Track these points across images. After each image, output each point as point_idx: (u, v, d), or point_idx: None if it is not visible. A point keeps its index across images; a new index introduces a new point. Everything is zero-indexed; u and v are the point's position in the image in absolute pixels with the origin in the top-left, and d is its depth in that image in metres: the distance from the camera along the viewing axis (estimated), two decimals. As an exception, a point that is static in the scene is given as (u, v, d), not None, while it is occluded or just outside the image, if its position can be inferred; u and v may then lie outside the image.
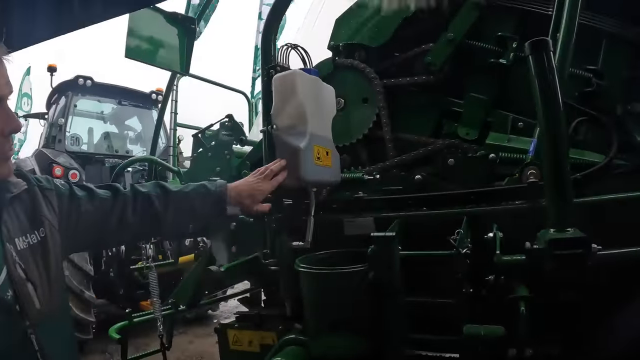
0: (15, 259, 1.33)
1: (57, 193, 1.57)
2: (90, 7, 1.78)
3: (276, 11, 2.44)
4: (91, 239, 1.71)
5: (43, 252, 1.43)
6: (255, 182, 1.93)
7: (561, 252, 1.42)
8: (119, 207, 1.70)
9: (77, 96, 8.36)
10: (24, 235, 1.40)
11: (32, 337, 1.29)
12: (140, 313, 3.42)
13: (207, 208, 1.86)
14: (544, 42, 1.53)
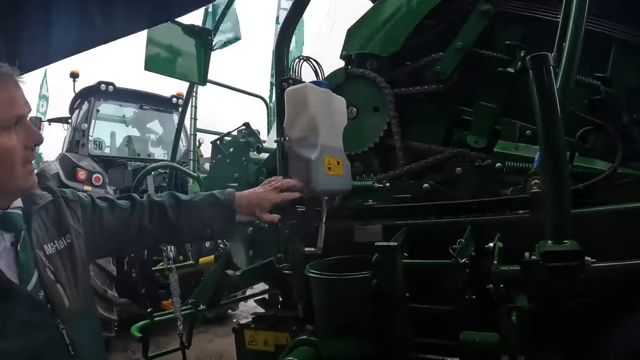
0: (45, 262, 1.43)
1: (81, 204, 1.69)
2: (111, 25, 1.86)
3: (287, 26, 2.48)
4: (113, 246, 1.85)
5: (70, 257, 1.54)
6: (263, 192, 2.01)
7: (554, 265, 1.45)
8: (137, 216, 1.82)
9: (100, 101, 8.51)
10: (52, 242, 1.51)
11: (63, 332, 1.38)
12: (161, 312, 3.51)
13: (216, 216, 1.95)
14: (544, 57, 1.56)
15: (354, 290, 1.78)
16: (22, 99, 1.38)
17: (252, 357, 2.69)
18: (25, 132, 1.38)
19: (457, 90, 2.52)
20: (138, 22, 1.98)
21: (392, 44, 2.59)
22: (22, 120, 1.37)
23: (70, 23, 1.90)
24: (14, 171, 1.35)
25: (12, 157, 1.34)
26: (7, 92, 1.33)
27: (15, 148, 1.34)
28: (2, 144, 1.31)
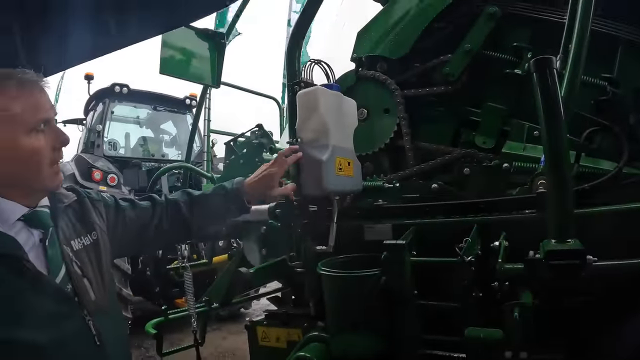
0: (72, 258, 1.50)
1: (105, 204, 1.76)
2: (126, 31, 1.92)
3: (298, 30, 2.53)
4: (133, 245, 1.91)
5: (96, 253, 1.61)
6: (265, 168, 2.05)
7: (557, 263, 1.48)
8: (157, 215, 1.89)
9: (114, 103, 8.60)
10: (79, 238, 1.57)
11: (89, 323, 1.44)
12: (175, 310, 3.57)
13: (229, 205, 2.01)
14: (547, 60, 1.59)
15: (364, 288, 1.82)
16: (47, 103, 1.45)
17: (264, 353, 2.73)
18: (52, 134, 1.44)
19: (465, 91, 2.56)
20: (152, 28, 2.03)
21: (402, 46, 2.63)
22: (49, 122, 1.43)
23: (86, 31, 1.95)
24: (42, 171, 1.41)
25: (39, 158, 1.40)
26: (33, 97, 1.40)
27: (42, 149, 1.40)
28: (31, 145, 1.37)
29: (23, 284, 1.32)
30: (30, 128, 1.37)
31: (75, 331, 1.41)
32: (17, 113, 1.35)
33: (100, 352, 1.46)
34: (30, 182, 1.42)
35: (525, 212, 1.96)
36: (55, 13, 1.90)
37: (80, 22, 1.90)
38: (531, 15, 2.46)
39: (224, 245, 6.34)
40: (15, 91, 1.36)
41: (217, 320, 7.87)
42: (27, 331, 1.28)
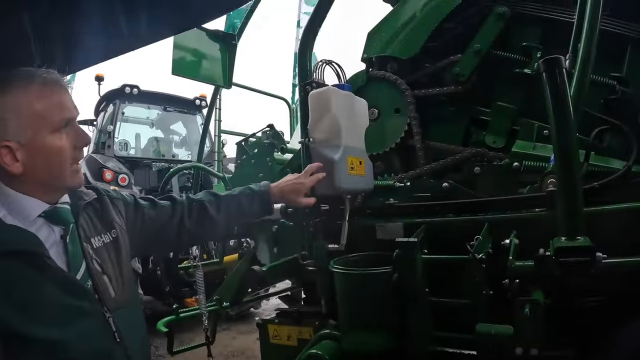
0: (92, 255, 1.52)
1: (124, 202, 1.79)
2: (138, 32, 1.95)
3: (310, 30, 2.54)
4: (154, 244, 1.94)
5: (116, 250, 1.63)
6: (295, 178, 2.12)
7: (566, 260, 1.50)
8: (178, 213, 1.91)
9: (124, 104, 8.67)
10: (99, 236, 1.59)
11: (110, 320, 1.47)
12: (186, 309, 3.61)
13: (254, 207, 2.07)
14: (557, 59, 1.61)
15: (376, 285, 1.85)
16: (70, 103, 1.47)
17: (275, 351, 2.75)
18: (74, 133, 1.47)
19: (475, 91, 2.57)
20: (164, 29, 2.06)
21: (412, 46, 2.64)
22: (71, 122, 1.46)
23: (99, 33, 1.98)
24: (63, 170, 1.44)
25: (62, 157, 1.43)
26: (57, 97, 1.42)
27: (65, 148, 1.43)
28: (53, 144, 1.40)
29: (44, 280, 1.34)
30: (54, 127, 1.40)
31: (95, 328, 1.43)
32: (41, 112, 1.37)
33: (120, 349, 1.48)
34: (52, 180, 1.44)
35: (535, 210, 1.97)
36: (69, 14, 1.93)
37: (95, 24, 1.94)
38: (540, 15, 2.46)
39: (235, 245, 6.38)
40: (39, 91, 1.39)
41: (227, 320, 7.89)
42: (48, 327, 1.30)
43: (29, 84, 1.38)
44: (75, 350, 1.35)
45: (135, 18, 1.89)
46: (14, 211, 1.40)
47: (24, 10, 1.95)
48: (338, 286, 2.03)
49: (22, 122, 1.36)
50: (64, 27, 1.99)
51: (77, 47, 2.02)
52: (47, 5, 1.92)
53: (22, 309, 1.28)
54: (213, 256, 6.94)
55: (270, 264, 2.52)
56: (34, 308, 1.31)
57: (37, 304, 1.32)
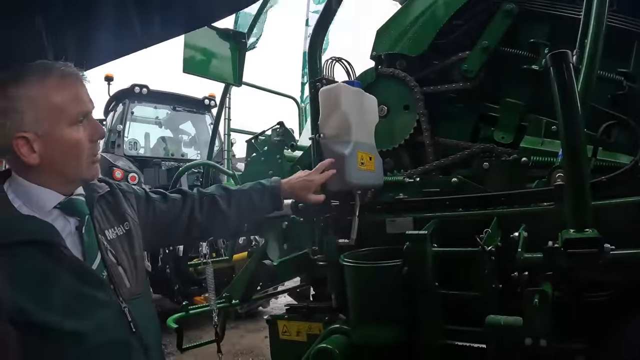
0: (107, 246, 1.54)
1: (136, 196, 1.82)
2: (150, 30, 1.98)
3: (319, 28, 2.57)
4: (165, 237, 1.98)
5: (129, 242, 1.66)
6: (306, 175, 2.16)
7: (574, 251, 1.52)
8: (188, 206, 1.95)
9: (134, 103, 8.73)
10: (112, 228, 1.62)
11: (125, 310, 1.49)
12: (195, 306, 3.65)
13: (265, 202, 2.11)
14: (564, 54, 1.63)
15: (386, 278, 1.87)
16: (87, 96, 1.49)
17: (285, 347, 2.77)
18: (91, 126, 1.49)
19: (484, 87, 2.59)
20: (175, 28, 2.08)
21: (421, 44, 2.66)
22: (88, 115, 1.48)
23: (112, 32, 2.01)
24: (80, 162, 1.47)
25: (79, 149, 1.45)
26: (74, 90, 1.45)
27: (82, 141, 1.45)
28: (71, 137, 1.42)
29: (61, 270, 1.36)
30: (71, 120, 1.42)
31: (112, 317, 1.45)
32: (59, 104, 1.40)
33: (136, 339, 1.50)
34: (68, 172, 1.46)
35: (543, 204, 1.98)
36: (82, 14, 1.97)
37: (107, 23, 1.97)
38: (548, 12, 2.48)
39: (244, 243, 6.42)
40: (57, 83, 1.41)
41: (235, 319, 7.94)
42: (65, 317, 1.32)
43: (45, 77, 1.40)
44: (93, 340, 1.36)
45: (147, 17, 1.92)
46: (30, 202, 1.42)
47: (38, 12, 1.99)
48: (348, 280, 2.05)
49: (39, 114, 1.38)
50: (77, 27, 2.03)
51: (90, 45, 2.06)
52: (60, 5, 1.97)
53: (39, 298, 1.29)
54: (222, 254, 6.99)
55: (281, 259, 2.54)
56: (51, 297, 1.32)
57: (54, 293, 1.33)
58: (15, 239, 1.32)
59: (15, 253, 1.31)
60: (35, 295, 1.29)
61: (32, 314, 1.27)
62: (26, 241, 1.33)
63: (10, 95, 1.37)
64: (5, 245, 1.30)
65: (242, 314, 7.95)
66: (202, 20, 2.20)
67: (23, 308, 1.26)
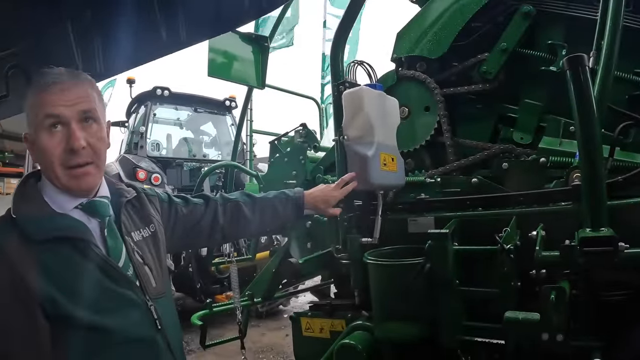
0: (134, 247, 1.61)
1: (159, 199, 1.90)
2: (176, 36, 2.05)
3: (341, 31, 2.61)
4: (187, 239, 2.03)
5: (154, 243, 1.73)
6: (328, 189, 2.25)
7: (590, 249, 1.56)
8: (211, 211, 2.03)
9: (156, 105, 8.84)
10: (138, 230, 1.69)
11: (152, 308, 1.55)
12: (219, 304, 3.72)
13: (287, 211, 2.20)
14: (579, 57, 1.67)
15: (409, 275, 1.92)
16: (68, 103, 1.46)
17: (308, 343, 2.83)
18: (66, 135, 1.45)
19: (503, 89, 2.62)
20: (200, 34, 2.15)
21: (440, 46, 2.70)
22: (62, 122, 1.45)
23: (139, 38, 2.09)
24: (54, 170, 1.45)
25: (48, 157, 1.44)
26: (49, 96, 1.43)
27: (49, 148, 1.44)
28: (40, 142, 1.43)
29: (90, 267, 1.43)
30: (41, 125, 1.43)
31: (139, 315, 1.51)
32: (36, 109, 1.44)
33: (161, 336, 1.56)
34: (52, 180, 1.47)
35: (561, 204, 2.01)
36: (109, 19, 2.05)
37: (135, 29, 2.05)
38: (565, 13, 2.50)
39: (266, 242, 6.50)
40: (40, 89, 1.44)
41: (257, 317, 8.02)
42: (94, 311, 1.38)
43: (38, 82, 1.46)
44: (120, 336, 1.43)
45: (173, 23, 2.00)
46: (54, 201, 1.48)
47: (68, 19, 2.08)
48: (372, 277, 2.10)
49: (29, 119, 1.46)
50: (104, 33, 2.11)
51: (118, 51, 2.14)
52: (89, 13, 2.06)
53: (69, 291, 1.36)
54: (244, 254, 7.07)
55: (306, 257, 2.60)
56: (81, 292, 1.38)
57: (85, 288, 1.39)
58: (50, 235, 1.39)
59: (49, 248, 1.38)
60: (66, 288, 1.36)
61: (63, 307, 1.33)
62: (60, 237, 1.40)
63: (25, 99, 1.48)
64: (41, 241, 1.37)
65: (262, 312, 8.02)
66: (226, 25, 2.26)
67: (54, 299, 1.32)
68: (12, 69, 2.26)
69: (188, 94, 9.19)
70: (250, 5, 1.95)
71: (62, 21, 2.07)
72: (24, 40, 2.17)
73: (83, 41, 2.11)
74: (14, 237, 1.36)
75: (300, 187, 3.07)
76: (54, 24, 2.08)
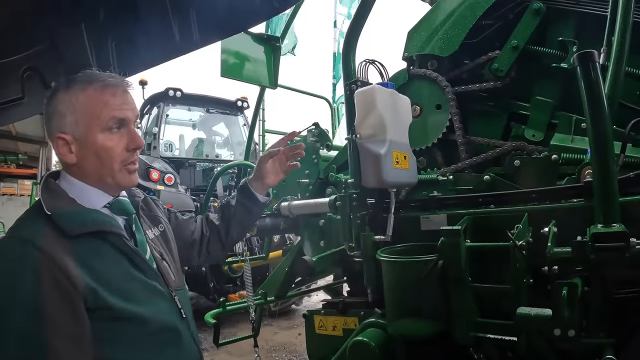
0: (152, 243, 1.70)
1: (160, 204, 2.00)
2: (189, 37, 2.08)
3: (352, 31, 2.62)
4: (183, 250, 2.05)
5: (166, 241, 1.82)
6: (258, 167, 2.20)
7: (601, 245, 1.57)
8: (199, 225, 2.13)
9: (168, 106, 8.93)
10: (151, 229, 1.77)
11: (175, 298, 1.64)
12: (232, 302, 3.75)
13: (243, 202, 2.18)
14: (590, 54, 1.67)
15: (422, 272, 1.92)
16: (127, 105, 1.57)
17: (321, 341, 2.88)
18: (129, 135, 1.57)
19: (514, 86, 2.63)
20: (212, 35, 2.18)
21: (451, 44, 2.71)
22: (124, 123, 1.56)
23: (152, 40, 2.13)
24: (112, 168, 1.54)
25: (109, 156, 1.52)
26: (111, 99, 1.52)
27: (113, 148, 1.53)
28: (103, 143, 1.51)
29: (124, 259, 1.51)
30: (103, 127, 1.51)
31: (166, 305, 1.60)
32: (94, 111, 1.49)
33: (185, 325, 1.65)
34: (102, 176, 1.55)
35: (573, 200, 2.02)
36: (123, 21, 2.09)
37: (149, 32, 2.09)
38: (576, 10, 2.51)
39: (279, 242, 6.54)
40: (96, 91, 1.51)
41: (269, 316, 8.08)
42: (130, 301, 1.45)
43: (88, 84, 1.51)
44: (153, 325, 1.50)
45: (186, 25, 2.03)
46: (82, 199, 1.53)
47: (81, 21, 2.11)
48: (384, 274, 2.11)
49: (77, 118, 1.49)
50: (118, 35, 2.15)
51: (132, 53, 2.18)
52: (102, 15, 2.09)
53: (107, 282, 1.42)
54: (256, 253, 7.12)
55: (319, 254, 2.62)
56: (118, 283, 1.45)
57: (120, 279, 1.47)
58: (87, 230, 1.45)
59: (86, 242, 1.44)
60: (105, 280, 1.42)
61: (103, 298, 1.39)
62: (96, 232, 1.46)
63: (59, 100, 1.51)
64: (77, 236, 1.42)
65: (275, 311, 8.07)
66: (238, 26, 2.29)
67: (96, 291, 1.38)
68: (27, 71, 2.30)
69: (200, 94, 9.26)
70: (261, 6, 1.98)
71: (77, 23, 2.11)
72: (40, 43, 2.21)
73: (97, 43, 2.15)
74: (51, 233, 1.40)
75: (314, 185, 3.10)
76: (69, 26, 2.12)
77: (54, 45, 2.22)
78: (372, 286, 2.37)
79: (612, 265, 1.67)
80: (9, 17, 2.05)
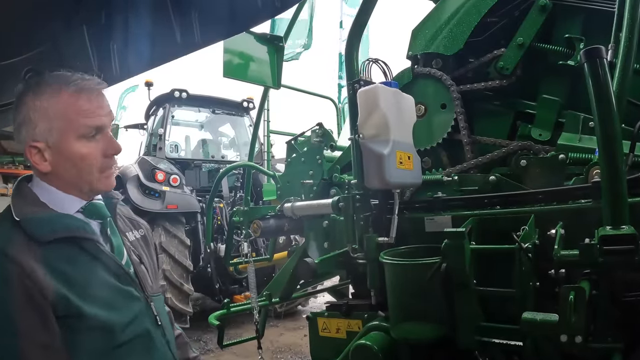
0: (130, 246, 1.65)
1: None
2: (191, 37, 2.06)
3: (355, 30, 2.59)
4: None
5: (146, 245, 1.77)
6: None
7: (610, 248, 1.53)
8: None
9: (174, 107, 8.85)
10: (131, 231, 1.73)
11: (151, 304, 1.59)
12: (236, 304, 3.73)
13: None
14: (597, 50, 1.64)
15: (425, 274, 1.89)
16: (102, 110, 1.50)
17: (324, 343, 2.83)
18: (105, 141, 1.50)
19: (520, 84, 2.59)
20: (214, 35, 2.16)
21: (456, 42, 2.68)
22: (101, 130, 1.49)
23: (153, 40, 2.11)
24: (91, 175, 1.48)
25: (87, 163, 1.46)
26: (86, 104, 1.45)
27: (90, 155, 1.47)
28: (79, 150, 1.44)
29: (97, 265, 1.45)
30: (80, 133, 1.44)
31: (142, 311, 1.54)
32: (68, 117, 1.42)
33: (160, 332, 1.60)
34: (79, 183, 1.49)
35: (581, 201, 1.98)
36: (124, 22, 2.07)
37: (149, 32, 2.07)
38: (582, 6, 2.47)
39: (284, 243, 6.52)
40: (70, 96, 1.43)
41: (275, 318, 8.06)
42: (103, 308, 1.40)
43: (60, 89, 1.43)
44: (126, 332, 1.45)
45: (187, 25, 2.01)
46: (55, 205, 1.47)
47: (83, 23, 2.09)
48: (388, 277, 2.09)
49: (51, 125, 1.42)
50: (119, 36, 2.13)
51: (134, 53, 2.16)
52: (103, 16, 2.07)
53: (80, 289, 1.37)
54: (262, 254, 7.10)
55: (322, 256, 2.59)
56: (91, 290, 1.40)
57: (93, 285, 1.41)
58: (58, 236, 1.39)
59: (57, 248, 1.38)
60: (76, 286, 1.36)
61: (75, 305, 1.34)
62: (68, 237, 1.41)
63: (29, 106, 1.42)
64: (48, 242, 1.37)
65: (281, 312, 8.06)
66: (240, 25, 2.26)
67: (68, 298, 1.33)
68: (29, 73, 2.29)
69: (206, 95, 9.22)
70: (263, 5, 1.96)
71: (78, 25, 2.09)
72: (41, 44, 2.20)
73: (98, 44, 2.13)
74: (20, 239, 1.36)
75: (318, 185, 3.08)
76: (71, 28, 2.10)
77: (56, 47, 2.20)
78: (375, 289, 2.35)
79: (621, 268, 1.64)
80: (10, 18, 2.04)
